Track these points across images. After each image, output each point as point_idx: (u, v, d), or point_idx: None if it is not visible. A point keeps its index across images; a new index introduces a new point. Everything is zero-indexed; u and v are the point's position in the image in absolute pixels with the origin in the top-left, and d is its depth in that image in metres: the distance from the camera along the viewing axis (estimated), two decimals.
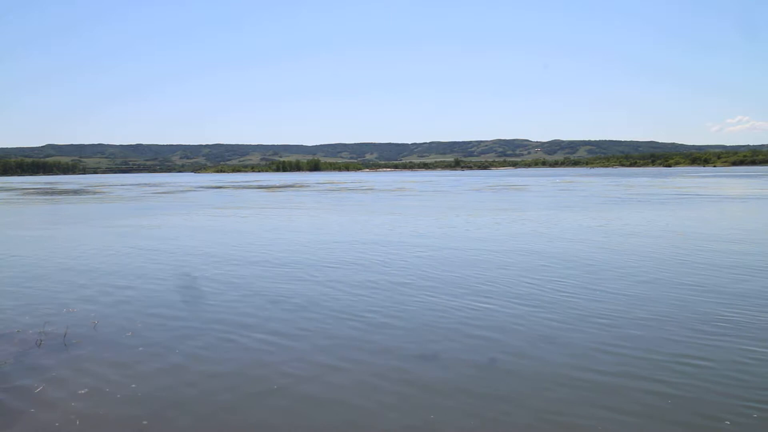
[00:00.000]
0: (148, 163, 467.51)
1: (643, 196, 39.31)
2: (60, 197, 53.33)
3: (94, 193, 61.73)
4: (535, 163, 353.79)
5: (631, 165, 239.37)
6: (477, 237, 18.02)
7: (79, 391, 6.05)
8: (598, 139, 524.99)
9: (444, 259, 13.74)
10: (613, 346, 7.20)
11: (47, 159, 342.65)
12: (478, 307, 9.11)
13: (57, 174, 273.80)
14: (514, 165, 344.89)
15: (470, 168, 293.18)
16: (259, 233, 20.13)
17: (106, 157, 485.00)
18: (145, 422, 5.36)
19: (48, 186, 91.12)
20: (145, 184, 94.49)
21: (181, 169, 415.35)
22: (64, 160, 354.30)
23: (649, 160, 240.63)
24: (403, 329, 8.07)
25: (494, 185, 69.14)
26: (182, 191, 62.83)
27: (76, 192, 65.14)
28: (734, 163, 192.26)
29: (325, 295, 10.11)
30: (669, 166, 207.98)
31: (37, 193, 61.35)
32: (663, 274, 11.52)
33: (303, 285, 11.03)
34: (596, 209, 28.68)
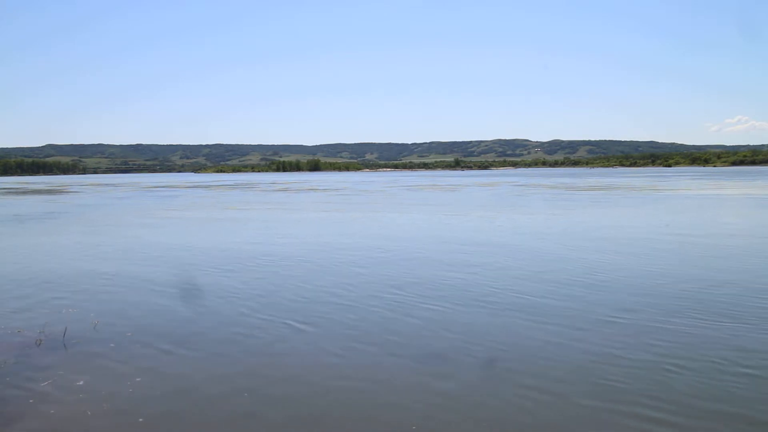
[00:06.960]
0: (148, 163, 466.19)
1: (543, 196, 39.58)
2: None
3: (53, 193, 61.71)
4: (535, 163, 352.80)
5: (631, 165, 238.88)
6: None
7: (79, 391, 6.07)
8: (598, 139, 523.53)
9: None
10: (614, 345, 7.24)
11: (47, 159, 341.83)
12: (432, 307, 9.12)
13: (57, 174, 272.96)
14: (514, 165, 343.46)
15: (470, 168, 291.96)
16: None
17: (106, 157, 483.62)
18: (145, 421, 5.38)
19: (19, 186, 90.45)
20: (115, 185, 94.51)
21: (181, 169, 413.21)
22: (64, 160, 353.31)
23: (649, 160, 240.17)
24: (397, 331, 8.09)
25: (430, 185, 69.59)
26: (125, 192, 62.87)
27: (39, 192, 65.14)
28: (734, 163, 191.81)
29: (326, 295, 10.16)
30: (669, 166, 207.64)
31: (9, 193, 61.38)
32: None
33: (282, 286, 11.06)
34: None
